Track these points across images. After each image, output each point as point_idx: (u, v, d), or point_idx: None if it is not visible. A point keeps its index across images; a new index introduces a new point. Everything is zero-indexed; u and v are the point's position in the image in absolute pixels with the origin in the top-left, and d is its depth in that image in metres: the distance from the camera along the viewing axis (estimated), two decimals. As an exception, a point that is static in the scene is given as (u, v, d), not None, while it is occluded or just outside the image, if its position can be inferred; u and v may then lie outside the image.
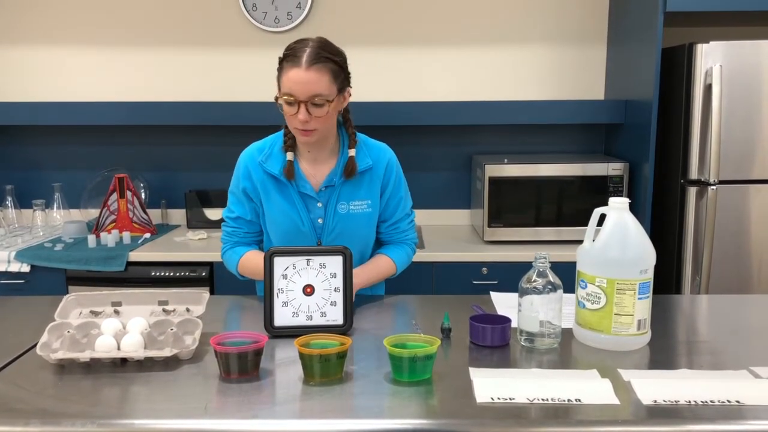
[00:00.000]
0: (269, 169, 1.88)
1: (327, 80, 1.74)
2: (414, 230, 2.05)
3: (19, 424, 1.18)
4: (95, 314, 1.62)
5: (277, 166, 1.88)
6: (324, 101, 1.74)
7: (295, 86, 1.72)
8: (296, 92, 1.73)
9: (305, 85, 1.72)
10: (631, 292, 1.47)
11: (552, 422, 1.17)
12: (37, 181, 3.42)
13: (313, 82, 1.72)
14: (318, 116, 1.75)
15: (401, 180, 1.98)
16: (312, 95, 1.72)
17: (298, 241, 1.90)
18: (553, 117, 3.12)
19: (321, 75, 1.72)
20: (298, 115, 1.74)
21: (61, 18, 3.32)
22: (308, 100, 1.73)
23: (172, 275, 2.80)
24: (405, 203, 2.00)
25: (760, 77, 2.61)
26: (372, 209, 1.92)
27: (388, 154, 1.96)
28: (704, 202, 2.65)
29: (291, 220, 1.89)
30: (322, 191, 1.89)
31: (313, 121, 1.75)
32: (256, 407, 1.23)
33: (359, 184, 1.90)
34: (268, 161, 1.89)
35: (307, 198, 1.89)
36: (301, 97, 1.73)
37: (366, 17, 3.28)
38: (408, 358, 1.31)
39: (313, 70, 1.72)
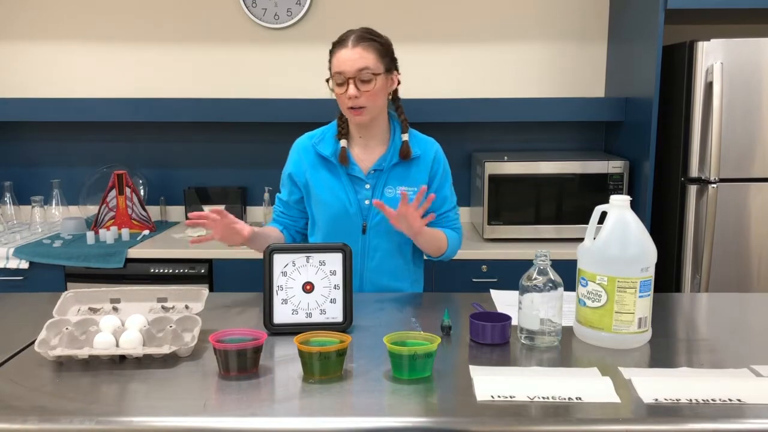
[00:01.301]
0: (321, 150, 1.97)
1: (373, 57, 1.85)
2: (459, 221, 2.11)
3: (17, 421, 1.18)
4: (94, 311, 1.61)
5: (329, 149, 1.97)
6: (371, 75, 1.84)
7: (342, 64, 1.84)
8: (344, 69, 1.84)
9: (352, 61, 1.83)
10: (632, 290, 1.46)
11: (552, 420, 1.17)
12: (35, 177, 3.41)
13: (359, 57, 1.83)
14: (366, 91, 1.85)
15: (448, 173, 2.06)
16: (359, 69, 1.83)
17: (344, 223, 1.95)
18: (553, 114, 3.11)
19: (367, 52, 1.84)
20: (348, 90, 1.84)
21: (59, 14, 3.31)
22: (356, 76, 1.83)
23: (171, 272, 2.80)
24: (452, 196, 2.08)
25: (761, 75, 2.60)
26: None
27: (436, 146, 2.04)
28: (704, 200, 2.64)
29: (339, 200, 1.95)
30: (371, 174, 1.96)
31: (362, 97, 1.85)
32: (255, 405, 1.23)
33: (407, 171, 1.97)
34: (320, 144, 1.98)
35: (355, 180, 1.96)
36: (349, 73, 1.83)
37: (366, 14, 3.27)
38: (408, 355, 1.31)
39: (359, 48, 1.84)
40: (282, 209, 2.08)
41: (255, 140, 3.24)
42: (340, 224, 1.96)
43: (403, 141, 1.96)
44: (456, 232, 2.06)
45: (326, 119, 2.08)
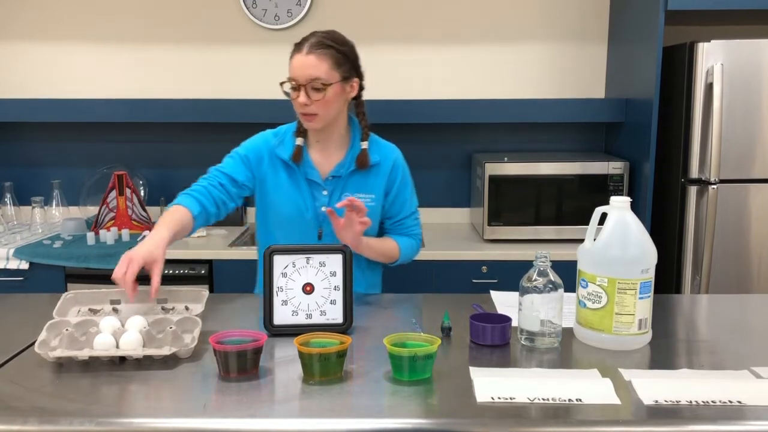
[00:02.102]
0: (280, 154, 1.93)
1: (327, 66, 1.81)
2: (419, 227, 2.08)
3: (16, 423, 1.17)
4: (94, 312, 1.61)
5: (288, 152, 1.93)
6: (322, 85, 1.81)
7: (296, 71, 1.82)
8: (296, 76, 1.82)
9: (304, 69, 1.81)
10: (632, 291, 1.46)
11: (552, 422, 1.16)
12: (35, 178, 3.41)
13: (312, 66, 1.80)
14: (316, 100, 1.81)
15: (407, 180, 2.03)
16: (310, 79, 1.80)
17: (299, 228, 1.92)
18: (553, 115, 3.11)
19: (320, 61, 1.81)
20: (299, 97, 1.82)
21: (59, 14, 3.31)
22: (307, 84, 1.80)
23: (171, 273, 2.80)
24: (411, 203, 2.04)
25: (761, 76, 2.60)
26: (375, 203, 1.95)
27: (396, 153, 2.01)
28: (705, 201, 2.64)
29: (295, 205, 1.92)
30: (329, 180, 1.93)
31: (313, 105, 1.82)
32: (255, 406, 1.23)
33: (366, 178, 1.95)
34: (280, 146, 1.95)
35: (313, 185, 1.93)
36: (301, 81, 1.81)
37: (366, 15, 3.27)
38: (408, 357, 1.31)
39: (312, 56, 1.81)
40: (222, 181, 1.90)
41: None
42: (295, 228, 1.92)
43: (362, 149, 1.92)
44: (413, 239, 2.04)
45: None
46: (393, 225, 2.03)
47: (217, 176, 1.91)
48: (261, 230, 2.01)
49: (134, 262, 1.59)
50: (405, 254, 2.01)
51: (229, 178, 1.91)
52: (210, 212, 1.86)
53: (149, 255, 1.62)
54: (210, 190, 1.88)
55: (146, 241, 1.67)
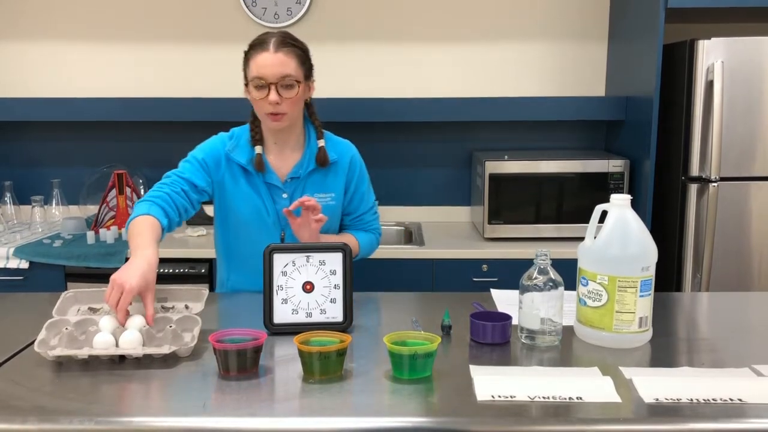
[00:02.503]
0: (236, 158, 1.90)
1: (295, 63, 1.82)
2: (378, 221, 2.09)
3: (16, 422, 1.17)
4: (93, 311, 1.61)
5: (244, 156, 1.91)
6: (293, 82, 1.80)
7: (264, 69, 1.79)
8: (266, 74, 1.79)
9: (275, 67, 1.78)
10: (633, 289, 1.46)
11: (553, 420, 1.16)
12: (35, 177, 3.41)
13: (282, 63, 1.79)
14: (288, 98, 1.81)
15: (364, 175, 2.03)
16: (282, 76, 1.79)
17: (260, 232, 1.92)
18: (553, 114, 3.11)
19: (289, 58, 1.80)
20: (269, 96, 1.79)
21: (59, 13, 3.31)
22: (278, 82, 1.79)
23: (171, 272, 2.80)
24: (368, 197, 2.05)
25: (762, 74, 2.60)
26: (336, 202, 1.97)
27: (352, 150, 2.01)
28: (705, 199, 2.64)
29: (256, 209, 1.92)
30: (288, 182, 1.93)
31: (283, 104, 1.81)
32: (255, 405, 1.22)
33: (324, 178, 1.95)
34: (234, 151, 1.92)
35: (273, 188, 1.92)
36: (271, 79, 1.79)
37: (366, 13, 3.26)
38: (408, 355, 1.30)
39: (281, 53, 1.80)
40: (185, 188, 1.84)
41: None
42: (256, 233, 1.91)
43: (320, 147, 1.92)
44: (372, 234, 2.05)
45: (326, 118, 2.07)
46: (352, 221, 2.03)
47: (178, 182, 1.85)
48: (220, 233, 2.00)
49: (128, 293, 1.47)
50: (364, 250, 2.02)
51: (190, 184, 1.86)
52: (173, 221, 1.81)
53: (143, 282, 1.51)
54: (173, 197, 1.81)
55: (137, 263, 1.54)
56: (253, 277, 1.92)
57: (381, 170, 3.32)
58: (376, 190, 2.19)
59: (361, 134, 3.33)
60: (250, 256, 1.93)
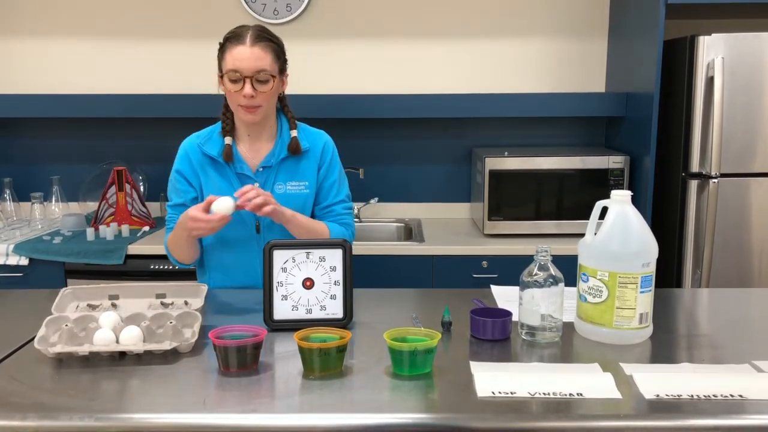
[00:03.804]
0: (207, 150, 1.93)
1: (270, 58, 1.84)
2: (351, 218, 2.05)
3: (16, 418, 1.17)
4: (92, 308, 1.61)
5: (216, 149, 1.93)
6: (269, 77, 1.82)
7: (240, 62, 1.80)
8: (242, 68, 1.80)
9: (250, 61, 1.80)
10: (633, 285, 1.46)
11: (553, 416, 1.16)
12: (35, 173, 3.40)
13: (259, 57, 1.81)
14: (263, 92, 1.82)
15: (336, 164, 2.03)
16: (257, 70, 1.80)
17: (235, 223, 1.85)
18: (553, 110, 3.10)
19: (265, 52, 1.82)
20: (244, 89, 1.80)
21: (59, 9, 3.30)
22: (253, 75, 1.80)
23: (171, 268, 2.79)
24: (339, 188, 2.02)
25: (762, 69, 2.59)
26: (309, 190, 1.97)
27: (325, 138, 2.02)
28: (705, 195, 2.64)
29: None
30: (260, 172, 1.94)
31: (258, 97, 1.82)
32: (255, 401, 1.22)
33: (296, 166, 1.96)
34: (206, 144, 1.95)
35: (244, 178, 1.93)
36: (247, 72, 1.80)
37: (366, 9, 3.26)
38: (408, 352, 1.30)
39: (258, 47, 1.81)
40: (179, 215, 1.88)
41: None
42: (232, 225, 1.85)
43: (292, 137, 1.94)
44: (344, 228, 2.00)
45: (326, 115, 2.07)
46: (322, 211, 2.00)
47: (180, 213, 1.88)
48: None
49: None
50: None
51: (182, 207, 1.91)
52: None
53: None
54: None
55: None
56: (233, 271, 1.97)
57: (381, 167, 3.32)
58: (377, 187, 2.19)
59: (361, 131, 3.34)
60: (225, 250, 1.96)
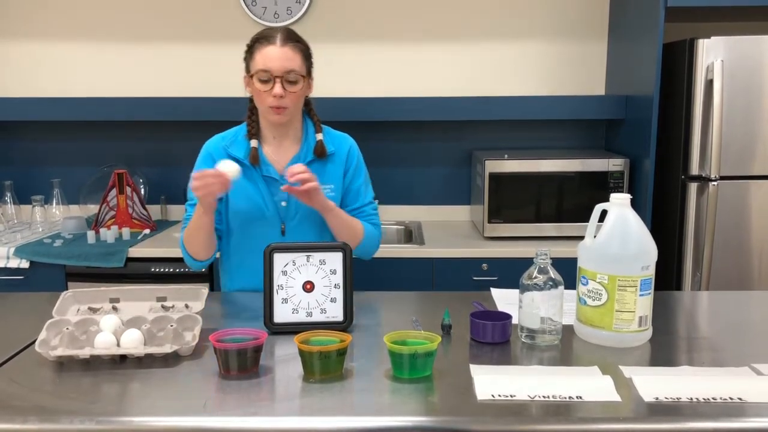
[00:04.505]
0: (234, 153, 1.93)
1: (300, 59, 1.86)
2: (378, 218, 2.06)
3: (17, 422, 1.18)
4: (93, 311, 1.61)
5: (242, 151, 1.93)
6: (298, 77, 1.84)
7: (271, 62, 1.82)
8: (272, 67, 1.81)
9: (281, 61, 1.82)
10: (633, 288, 1.46)
11: (553, 419, 1.16)
12: (36, 176, 3.41)
13: (289, 58, 1.83)
14: (292, 92, 1.83)
15: (362, 167, 2.04)
16: (287, 70, 1.82)
17: (261, 227, 1.91)
18: (553, 112, 3.11)
19: (295, 53, 1.84)
20: (274, 89, 1.81)
21: (59, 13, 3.31)
22: (283, 76, 1.81)
23: (171, 271, 2.80)
24: (366, 191, 2.03)
25: (762, 72, 2.59)
26: (335, 193, 1.97)
27: (350, 141, 2.03)
28: (705, 198, 2.64)
29: (254, 203, 1.92)
30: (286, 175, 1.89)
31: (287, 98, 1.83)
32: (256, 404, 1.23)
33: (322, 169, 1.95)
34: (232, 146, 1.95)
35: (270, 181, 1.92)
36: (277, 72, 1.81)
37: (365, 12, 3.26)
38: (408, 355, 1.31)
39: (288, 47, 1.83)
40: None
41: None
42: (257, 228, 1.91)
43: (318, 140, 1.94)
44: (375, 228, 2.02)
45: (325, 118, 2.07)
46: (352, 213, 1.99)
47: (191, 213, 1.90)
48: (225, 230, 1.99)
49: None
50: (368, 237, 1.97)
51: None
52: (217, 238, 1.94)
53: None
54: None
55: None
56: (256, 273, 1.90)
57: (381, 169, 3.32)
58: (376, 190, 2.19)
59: (361, 133, 3.33)
60: (250, 252, 1.93)
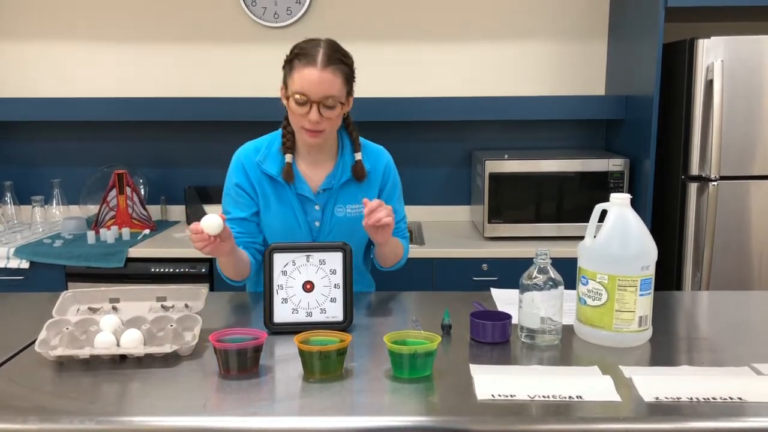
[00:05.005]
0: (267, 169, 1.85)
1: (340, 82, 1.73)
2: (407, 230, 2.05)
3: (17, 422, 1.17)
4: (93, 311, 1.61)
5: (275, 167, 1.85)
6: (336, 103, 1.73)
7: (309, 86, 1.70)
8: (310, 92, 1.70)
9: (320, 86, 1.70)
10: (633, 288, 1.46)
11: (553, 419, 1.16)
12: (36, 177, 3.41)
13: (328, 82, 1.70)
14: (329, 117, 1.74)
15: (397, 184, 1.98)
16: (325, 96, 1.71)
17: (292, 237, 1.88)
18: (553, 113, 3.11)
19: (335, 76, 1.71)
20: (310, 115, 1.71)
21: (59, 13, 3.31)
22: (321, 101, 1.71)
23: (171, 271, 2.80)
24: (401, 207, 1.99)
25: (762, 72, 2.59)
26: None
27: (386, 158, 1.95)
28: (705, 198, 2.64)
29: (287, 222, 1.87)
30: (320, 194, 1.87)
31: (323, 122, 1.74)
32: (256, 404, 1.23)
33: (358, 189, 1.89)
34: (266, 161, 1.86)
35: (304, 200, 1.87)
36: (315, 97, 1.71)
37: (365, 12, 3.26)
38: (408, 354, 1.31)
39: (328, 71, 1.70)
40: (238, 228, 1.86)
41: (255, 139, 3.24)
42: (288, 239, 1.86)
43: (357, 161, 1.86)
44: (406, 241, 2.01)
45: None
46: None
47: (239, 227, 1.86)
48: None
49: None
50: (405, 255, 1.99)
51: (240, 221, 1.87)
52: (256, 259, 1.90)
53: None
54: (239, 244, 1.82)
55: None
56: None
57: (381, 170, 3.32)
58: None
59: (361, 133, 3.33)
60: None
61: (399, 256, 1.96)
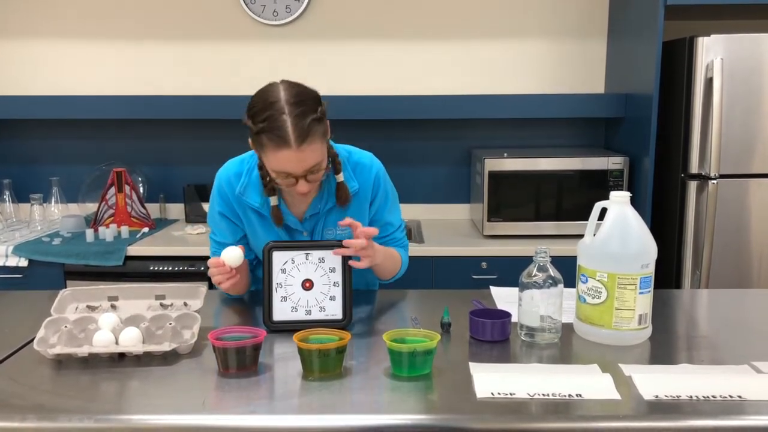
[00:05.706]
0: (248, 201, 1.76)
1: (319, 147, 1.59)
2: (406, 238, 1.96)
3: (15, 420, 1.17)
4: (92, 309, 1.61)
5: (257, 198, 1.76)
6: (321, 167, 1.63)
7: (289, 165, 1.58)
8: (292, 170, 1.59)
9: (300, 163, 1.57)
10: (632, 286, 1.46)
11: (552, 417, 1.16)
12: (34, 175, 3.40)
13: (308, 158, 1.58)
14: (316, 181, 1.65)
15: (388, 195, 1.87)
16: (308, 169, 1.60)
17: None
18: (553, 111, 3.10)
19: (313, 147, 1.57)
20: (298, 187, 1.62)
21: (58, 11, 3.30)
22: (305, 174, 1.61)
23: (170, 270, 2.79)
24: (394, 215, 1.90)
25: (761, 70, 2.59)
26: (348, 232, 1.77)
27: (374, 169, 1.82)
28: (704, 196, 2.64)
29: None
30: (307, 220, 1.78)
31: (313, 184, 1.66)
32: (255, 402, 1.22)
33: (345, 210, 1.79)
34: (246, 192, 1.76)
35: (291, 230, 1.79)
36: (299, 173, 1.60)
37: (364, 10, 3.26)
38: (407, 353, 1.30)
39: (305, 148, 1.55)
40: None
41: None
42: None
43: (339, 182, 1.74)
44: (404, 249, 1.92)
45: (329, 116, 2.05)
46: (381, 240, 1.83)
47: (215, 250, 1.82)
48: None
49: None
50: (403, 266, 1.92)
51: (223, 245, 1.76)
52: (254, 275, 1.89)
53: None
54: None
55: None
56: None
57: (380, 168, 3.32)
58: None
59: (360, 132, 3.33)
60: None
61: (396, 269, 1.89)
